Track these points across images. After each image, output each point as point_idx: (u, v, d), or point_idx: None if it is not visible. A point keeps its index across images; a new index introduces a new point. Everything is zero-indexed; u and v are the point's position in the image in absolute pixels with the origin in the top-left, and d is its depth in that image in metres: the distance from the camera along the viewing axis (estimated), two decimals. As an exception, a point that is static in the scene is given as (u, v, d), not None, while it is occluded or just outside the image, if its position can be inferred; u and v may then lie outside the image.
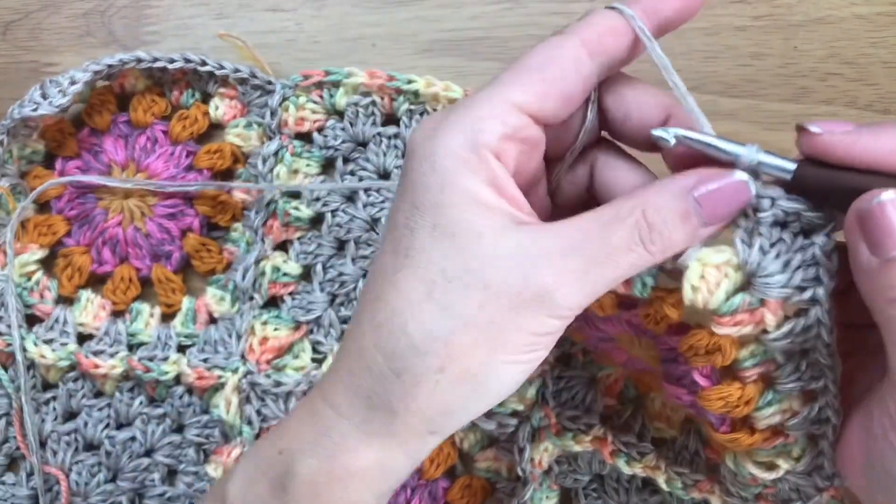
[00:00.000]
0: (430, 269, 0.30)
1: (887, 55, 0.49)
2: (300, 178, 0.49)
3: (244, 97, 0.50)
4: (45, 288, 0.49)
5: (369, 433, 0.32)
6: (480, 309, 0.30)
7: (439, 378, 0.30)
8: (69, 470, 0.49)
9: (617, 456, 0.43)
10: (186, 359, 0.48)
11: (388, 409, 0.31)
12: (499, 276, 0.30)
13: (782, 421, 0.36)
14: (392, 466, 0.32)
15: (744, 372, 0.34)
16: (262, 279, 0.49)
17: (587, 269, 0.30)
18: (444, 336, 0.30)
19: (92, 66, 0.47)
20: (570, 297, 0.30)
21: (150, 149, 0.50)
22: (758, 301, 0.32)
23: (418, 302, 0.30)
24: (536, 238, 0.30)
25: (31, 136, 0.49)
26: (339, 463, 0.32)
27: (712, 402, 0.34)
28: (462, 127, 0.31)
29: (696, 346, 0.34)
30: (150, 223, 0.50)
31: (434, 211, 0.30)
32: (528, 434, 0.45)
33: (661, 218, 0.30)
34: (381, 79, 0.47)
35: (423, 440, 0.32)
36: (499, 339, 0.30)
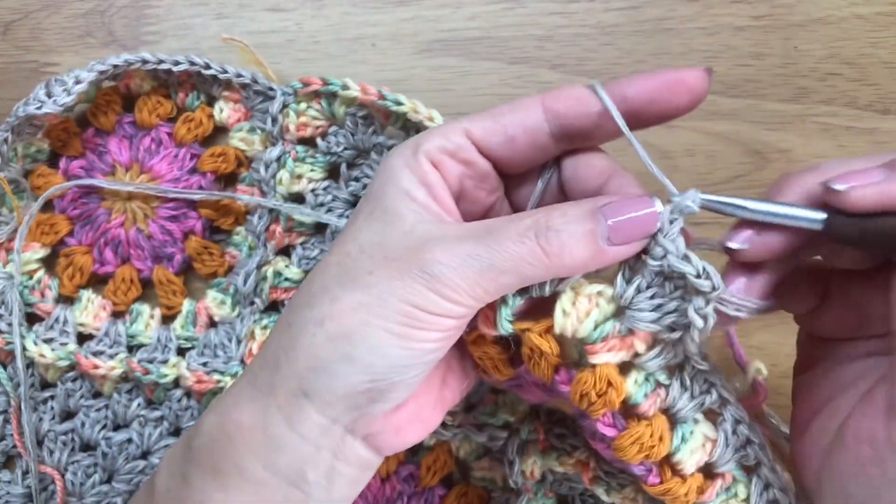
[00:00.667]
0: (352, 244, 0.33)
1: (887, 55, 0.49)
2: (304, 184, 0.49)
3: (247, 102, 0.50)
4: (46, 287, 0.49)
5: (257, 388, 0.33)
6: (369, 274, 0.32)
7: (317, 331, 0.32)
8: (65, 470, 0.49)
9: (597, 483, 0.42)
10: (186, 362, 0.48)
11: (274, 361, 0.33)
12: (398, 250, 0.32)
13: (707, 458, 0.36)
14: (271, 430, 0.32)
15: (640, 408, 0.35)
16: (263, 284, 0.49)
17: (476, 253, 0.31)
18: (333, 292, 0.32)
19: (97, 66, 0.47)
20: (453, 277, 0.31)
21: (154, 150, 0.50)
22: (626, 330, 0.33)
23: (329, 266, 0.33)
24: (446, 227, 0.33)
25: (35, 134, 0.49)
26: (230, 419, 0.33)
27: (626, 449, 0.35)
28: (415, 138, 0.35)
29: (586, 391, 0.34)
30: (152, 225, 0.50)
31: (374, 200, 0.34)
32: (517, 447, 0.45)
33: (563, 221, 0.31)
34: (372, 95, 0.46)
35: (298, 403, 0.32)
36: (378, 303, 0.31)
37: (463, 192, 0.36)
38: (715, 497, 0.37)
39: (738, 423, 0.37)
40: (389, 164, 0.34)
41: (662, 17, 0.49)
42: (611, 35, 0.50)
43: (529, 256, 0.31)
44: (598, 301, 0.34)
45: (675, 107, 0.34)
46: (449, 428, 0.46)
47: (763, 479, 0.37)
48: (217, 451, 0.33)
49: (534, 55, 0.50)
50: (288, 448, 0.32)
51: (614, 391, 0.34)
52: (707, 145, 0.49)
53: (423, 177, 0.34)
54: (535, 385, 0.38)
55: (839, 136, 0.48)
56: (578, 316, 0.33)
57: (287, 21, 0.51)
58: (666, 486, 0.36)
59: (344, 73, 0.48)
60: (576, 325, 0.33)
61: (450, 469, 0.49)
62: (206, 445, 0.33)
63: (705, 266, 0.32)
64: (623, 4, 0.50)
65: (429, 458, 0.48)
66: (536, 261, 0.31)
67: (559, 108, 0.34)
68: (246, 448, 0.32)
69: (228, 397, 0.34)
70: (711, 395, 0.36)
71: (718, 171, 0.49)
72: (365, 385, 0.32)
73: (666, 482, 0.36)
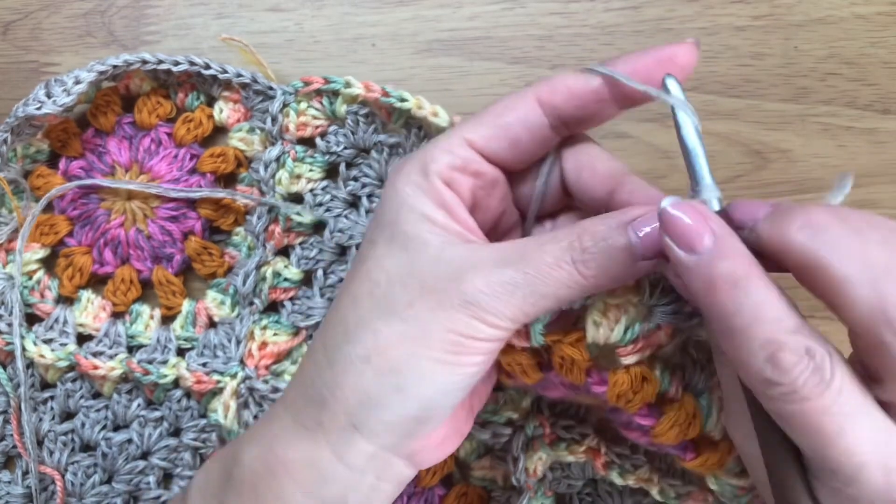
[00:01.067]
0: (378, 273, 0.33)
1: (887, 55, 0.49)
2: (303, 184, 0.49)
3: (247, 102, 0.50)
4: (45, 287, 0.49)
5: (303, 424, 0.33)
6: (409, 305, 0.32)
7: (364, 368, 0.32)
8: (65, 470, 0.49)
9: (610, 468, 0.43)
10: (185, 362, 0.48)
11: (320, 399, 0.33)
12: (434, 278, 0.32)
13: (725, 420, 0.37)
14: (320, 464, 0.33)
15: (669, 393, 0.36)
16: (262, 284, 0.49)
17: (516, 282, 0.31)
18: (374, 327, 0.32)
19: (97, 67, 0.47)
20: (495, 304, 0.31)
21: (153, 151, 0.50)
22: (654, 326, 0.34)
23: (360, 298, 0.33)
24: (476, 250, 0.33)
25: (35, 134, 0.49)
26: (273, 453, 0.33)
27: (666, 434, 0.36)
28: (419, 158, 0.35)
29: (623, 392, 0.35)
30: (152, 225, 0.50)
31: (391, 227, 0.34)
32: (523, 443, 0.45)
33: (595, 243, 0.31)
34: (376, 93, 0.46)
35: (347, 435, 0.32)
36: (423, 336, 0.32)
37: (476, 203, 0.36)
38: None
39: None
40: (399, 190, 0.34)
41: (662, 17, 0.49)
42: (611, 35, 0.50)
43: (568, 281, 0.32)
44: (626, 308, 0.35)
45: None
46: (453, 427, 0.46)
47: None
48: (260, 485, 0.33)
49: (534, 55, 0.50)
50: (336, 480, 0.33)
51: (650, 386, 0.35)
52: (707, 145, 0.48)
53: (438, 198, 0.34)
54: (562, 385, 0.39)
55: (839, 136, 0.48)
56: (609, 325, 0.35)
57: (287, 21, 0.51)
58: (704, 458, 0.37)
59: (344, 73, 0.48)
60: (608, 334, 0.35)
61: (450, 469, 0.49)
62: (247, 478, 0.33)
63: None
64: (623, 4, 0.50)
65: (428, 458, 0.48)
66: (575, 284, 0.32)
67: (556, 101, 0.35)
68: (291, 482, 0.33)
69: (269, 431, 0.34)
70: (712, 364, 0.37)
71: (718, 171, 0.48)
72: (415, 412, 0.32)
73: (703, 453, 0.37)
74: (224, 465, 0.35)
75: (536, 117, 0.35)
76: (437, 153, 0.34)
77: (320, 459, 0.33)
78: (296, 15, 0.51)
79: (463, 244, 0.33)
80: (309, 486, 0.33)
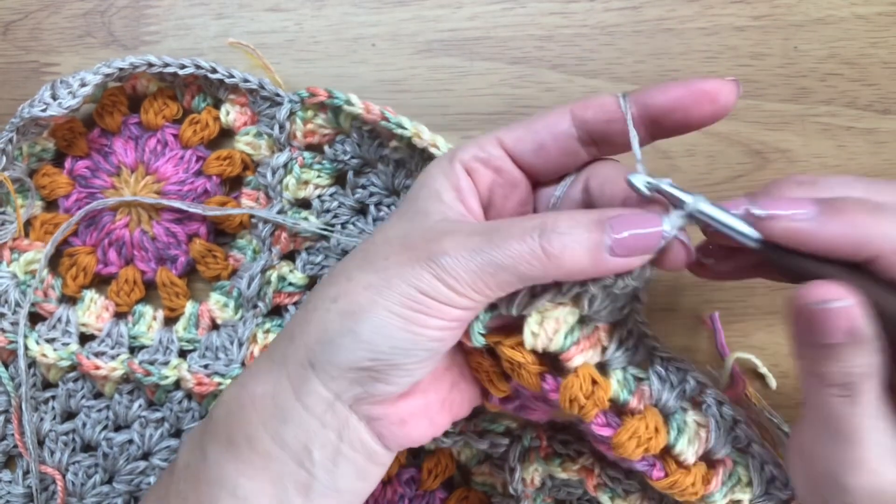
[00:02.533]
0: (379, 235, 0.36)
1: (887, 55, 0.49)
2: (310, 189, 0.49)
3: (254, 106, 0.50)
4: (49, 287, 0.49)
5: (271, 360, 0.35)
6: (384, 258, 0.34)
7: (330, 307, 0.34)
8: (66, 470, 0.49)
9: (601, 490, 0.43)
10: (187, 364, 0.48)
11: (289, 334, 0.35)
12: (415, 241, 0.34)
13: (705, 445, 0.37)
14: (280, 398, 0.34)
15: (630, 405, 0.36)
16: (267, 288, 0.49)
17: (480, 247, 0.32)
18: (350, 273, 0.34)
19: (102, 69, 0.47)
20: (455, 266, 0.32)
21: (159, 152, 0.50)
22: (591, 328, 0.36)
23: (355, 253, 0.36)
24: (460, 223, 0.34)
25: (41, 133, 0.49)
26: (244, 388, 0.35)
27: (625, 444, 0.36)
28: (452, 150, 0.38)
29: (574, 395, 0.35)
30: (157, 226, 0.50)
31: (409, 201, 0.37)
32: (519, 454, 0.45)
33: (569, 225, 0.32)
34: (375, 115, 0.46)
35: (304, 373, 0.34)
36: (386, 285, 0.33)
37: (492, 201, 0.37)
38: (721, 486, 0.38)
39: (720, 405, 0.38)
40: (427, 172, 0.37)
41: (662, 17, 0.49)
42: (611, 35, 0.50)
43: (529, 255, 0.32)
44: (565, 319, 0.36)
45: (697, 117, 0.34)
46: (450, 435, 0.46)
47: (757, 457, 0.39)
48: (233, 422, 0.34)
49: (534, 55, 0.50)
50: (294, 420, 0.34)
51: (601, 389, 0.35)
52: (707, 145, 0.49)
53: (455, 182, 0.36)
54: (535, 399, 0.39)
55: (839, 136, 0.48)
56: (547, 334, 0.35)
57: (287, 21, 0.51)
58: (672, 479, 0.37)
59: (344, 73, 0.49)
60: (546, 343, 0.36)
61: (451, 473, 0.49)
62: (222, 416, 0.35)
63: None
64: (623, 4, 0.50)
65: (430, 462, 0.48)
66: (536, 260, 0.32)
67: (586, 115, 0.36)
68: (257, 417, 0.34)
69: (248, 370, 0.36)
70: (689, 383, 0.38)
71: (718, 171, 0.49)
72: (366, 362, 0.33)
73: (671, 475, 0.37)
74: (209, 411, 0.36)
75: (565, 127, 0.36)
76: (468, 145, 0.37)
77: (280, 394, 0.34)
78: (296, 15, 0.51)
79: (457, 220, 0.35)
80: (271, 423, 0.34)
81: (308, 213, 0.49)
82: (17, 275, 0.49)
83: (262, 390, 0.34)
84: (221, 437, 0.34)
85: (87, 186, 0.50)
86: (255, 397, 0.34)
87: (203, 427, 0.36)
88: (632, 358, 0.38)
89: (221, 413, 0.35)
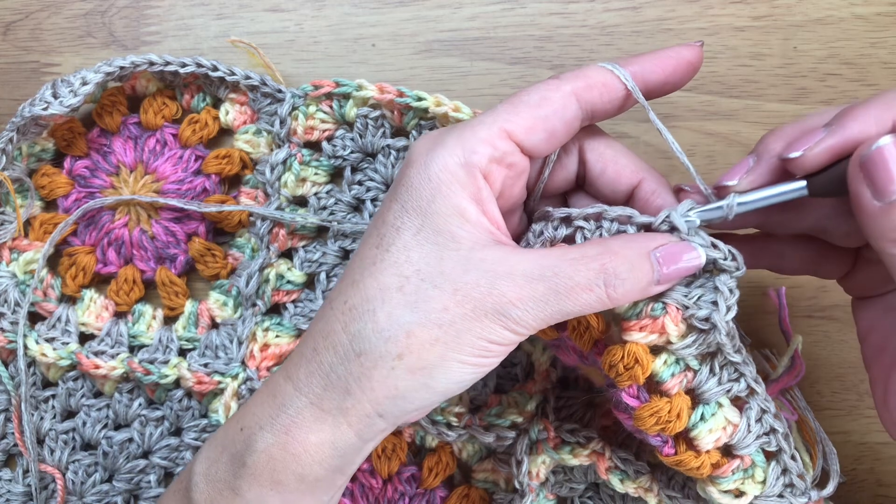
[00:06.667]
0: (407, 267, 0.34)
1: (887, 55, 0.49)
2: (308, 187, 0.49)
3: (254, 104, 0.50)
4: (48, 286, 0.50)
5: (323, 409, 0.34)
6: (444, 310, 0.33)
7: (395, 364, 0.33)
8: (66, 469, 0.49)
9: (612, 472, 0.43)
10: (187, 363, 0.48)
11: (344, 388, 0.34)
12: (467, 283, 0.33)
13: (727, 440, 0.37)
14: (342, 445, 0.34)
15: (665, 385, 0.36)
16: (265, 286, 0.49)
17: (547, 298, 0.33)
18: (408, 327, 0.33)
19: (104, 68, 0.47)
20: (526, 317, 0.33)
21: (159, 151, 0.50)
22: (660, 309, 0.35)
23: (390, 292, 0.33)
24: (507, 257, 0.33)
25: (40, 133, 0.49)
26: (293, 438, 0.34)
27: (645, 420, 0.36)
28: (460, 145, 0.34)
29: (614, 363, 0.36)
30: (156, 226, 0.50)
31: (422, 216, 0.34)
32: (527, 447, 0.45)
33: (627, 268, 0.33)
34: (390, 94, 0.47)
35: (371, 421, 0.34)
36: (456, 340, 0.33)
37: (502, 192, 0.37)
38: (731, 474, 0.38)
39: (763, 413, 0.38)
40: (433, 175, 0.34)
41: (662, 17, 0.49)
42: (611, 35, 0.50)
43: (596, 302, 0.33)
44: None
45: (681, 83, 0.37)
46: (454, 429, 0.46)
47: (782, 464, 0.39)
48: (279, 468, 0.34)
49: (533, 55, 0.50)
50: (351, 451, 0.35)
51: (640, 368, 0.36)
52: (707, 145, 0.49)
53: (475, 192, 0.34)
54: (573, 350, 0.40)
55: (839, 137, 0.48)
56: None
57: (287, 21, 0.51)
58: (679, 458, 0.37)
59: (344, 73, 0.49)
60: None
61: (451, 471, 0.49)
62: (263, 463, 0.35)
63: (731, 249, 0.35)
64: (623, 5, 0.50)
65: (431, 460, 0.48)
66: (599, 304, 0.33)
67: (593, 97, 0.36)
68: (312, 461, 0.34)
69: (283, 416, 0.35)
70: (740, 384, 0.37)
71: (718, 171, 0.49)
72: (435, 403, 0.35)
73: (680, 454, 0.37)
74: (233, 454, 0.35)
75: (573, 111, 0.36)
76: (479, 145, 0.34)
77: (342, 440, 0.34)
78: (296, 15, 0.51)
79: (492, 245, 0.34)
80: (328, 461, 0.34)
81: (305, 211, 0.49)
82: (16, 274, 0.49)
83: (317, 439, 0.34)
84: (264, 480, 0.34)
85: (86, 186, 0.50)
86: (308, 446, 0.34)
87: (232, 471, 0.35)
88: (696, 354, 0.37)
89: (262, 459, 0.34)
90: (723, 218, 0.35)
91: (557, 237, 0.37)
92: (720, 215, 0.35)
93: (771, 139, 0.36)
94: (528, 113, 0.35)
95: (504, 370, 0.48)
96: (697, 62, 0.37)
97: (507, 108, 0.35)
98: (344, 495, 0.48)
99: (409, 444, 0.49)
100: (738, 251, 0.35)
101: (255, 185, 0.50)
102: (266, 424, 0.35)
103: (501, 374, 0.48)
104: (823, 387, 0.49)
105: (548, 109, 0.35)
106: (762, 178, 0.35)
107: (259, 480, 0.35)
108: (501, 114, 0.35)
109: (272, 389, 0.36)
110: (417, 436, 0.49)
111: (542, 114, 0.35)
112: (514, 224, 0.40)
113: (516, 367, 0.48)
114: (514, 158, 0.35)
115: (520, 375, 0.48)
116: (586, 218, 0.36)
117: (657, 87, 0.37)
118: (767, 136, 0.36)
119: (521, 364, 0.48)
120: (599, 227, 0.36)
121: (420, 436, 0.49)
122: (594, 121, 0.38)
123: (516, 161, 0.36)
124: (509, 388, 0.48)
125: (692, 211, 0.35)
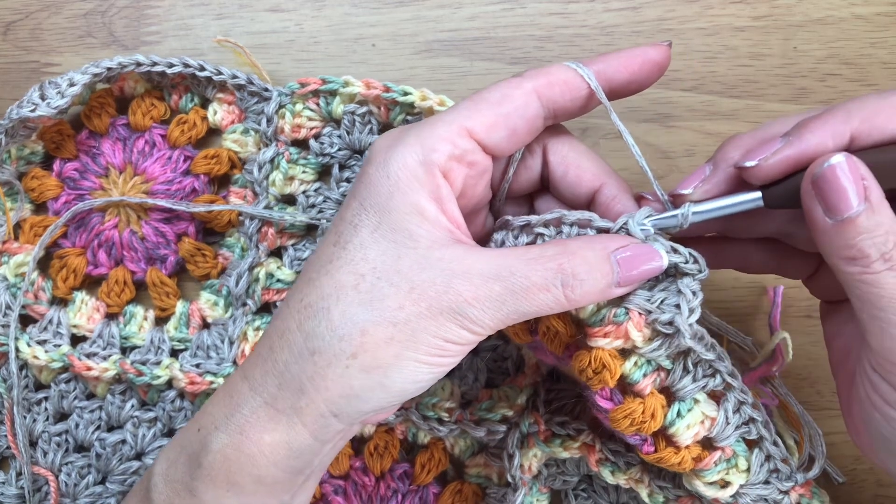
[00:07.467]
0: (363, 265, 0.33)
1: (887, 55, 0.49)
2: (296, 185, 0.49)
3: (242, 103, 0.50)
4: (39, 289, 0.49)
5: (278, 409, 0.34)
6: (400, 308, 0.32)
7: (350, 363, 0.33)
8: (59, 471, 0.49)
9: (603, 464, 0.43)
10: (179, 363, 0.48)
11: (298, 387, 0.33)
12: (423, 282, 0.32)
13: (706, 433, 0.38)
14: (298, 445, 0.34)
15: (637, 386, 0.36)
16: (255, 285, 0.49)
17: (503, 298, 0.32)
18: (363, 325, 0.32)
19: (91, 69, 0.47)
20: (483, 317, 0.33)
21: (147, 152, 0.50)
22: (623, 314, 0.34)
23: (346, 290, 0.33)
24: (465, 257, 0.33)
25: (29, 136, 0.49)
26: (247, 438, 0.34)
27: (620, 421, 0.36)
28: (419, 143, 0.34)
29: (583, 368, 0.36)
30: (145, 227, 0.50)
31: (379, 214, 0.34)
32: (518, 440, 0.45)
33: (586, 269, 0.33)
34: (377, 89, 0.47)
35: (325, 421, 0.34)
36: (412, 339, 0.32)
37: (464, 192, 0.36)
38: (713, 466, 0.38)
39: (741, 404, 0.38)
40: (392, 173, 0.34)
41: (662, 17, 0.50)
42: (610, 35, 0.50)
43: (553, 303, 0.33)
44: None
45: (647, 83, 0.37)
46: (446, 424, 0.46)
47: (765, 451, 0.39)
48: (234, 469, 0.34)
49: (534, 55, 0.50)
50: (307, 452, 0.34)
51: (608, 373, 0.35)
52: (707, 145, 0.49)
53: (434, 190, 0.34)
54: (549, 352, 0.39)
55: (839, 137, 0.48)
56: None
57: (287, 21, 0.51)
58: (658, 455, 0.38)
59: (344, 73, 0.49)
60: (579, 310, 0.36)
61: (444, 467, 0.49)
62: (219, 464, 0.34)
63: (692, 252, 0.35)
64: (623, 5, 0.50)
65: (423, 456, 0.48)
66: (558, 305, 0.33)
67: (554, 94, 0.36)
68: (267, 461, 0.34)
69: (237, 416, 0.34)
70: (715, 380, 0.37)
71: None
72: (392, 403, 0.34)
73: (660, 451, 0.37)
74: (190, 454, 0.35)
75: (535, 109, 0.36)
76: (439, 143, 0.34)
77: (297, 440, 0.34)
78: (296, 15, 0.51)
79: (450, 244, 0.33)
80: (284, 462, 0.34)
81: (293, 209, 0.49)
82: (7, 277, 0.49)
83: (271, 439, 0.34)
84: (220, 481, 0.34)
85: (75, 188, 0.50)
86: (263, 446, 0.34)
87: (189, 472, 0.35)
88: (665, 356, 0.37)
89: (217, 459, 0.34)
90: (678, 227, 0.35)
91: (519, 245, 0.37)
92: (675, 224, 0.35)
93: (729, 147, 0.36)
94: (489, 110, 0.35)
95: (495, 364, 0.48)
96: (664, 62, 0.36)
97: (468, 105, 0.35)
98: (337, 493, 0.48)
99: (402, 441, 0.49)
100: (702, 253, 0.35)
101: (244, 185, 0.50)
102: (221, 425, 0.35)
103: (492, 369, 0.48)
104: (823, 387, 0.48)
105: (509, 107, 0.35)
106: (718, 188, 0.35)
107: (215, 482, 0.34)
108: (462, 111, 0.35)
109: (229, 389, 0.35)
110: (409, 432, 0.49)
111: (503, 111, 0.35)
112: (480, 224, 0.40)
113: (507, 361, 0.48)
114: (475, 157, 0.35)
115: (510, 369, 0.48)
116: (546, 224, 0.36)
117: (622, 86, 0.36)
118: (726, 143, 0.36)
119: (511, 358, 0.48)
120: (560, 232, 0.36)
121: (412, 432, 0.49)
122: (558, 120, 0.37)
123: (477, 159, 0.35)
124: (500, 382, 0.48)
125: (648, 219, 0.35)
